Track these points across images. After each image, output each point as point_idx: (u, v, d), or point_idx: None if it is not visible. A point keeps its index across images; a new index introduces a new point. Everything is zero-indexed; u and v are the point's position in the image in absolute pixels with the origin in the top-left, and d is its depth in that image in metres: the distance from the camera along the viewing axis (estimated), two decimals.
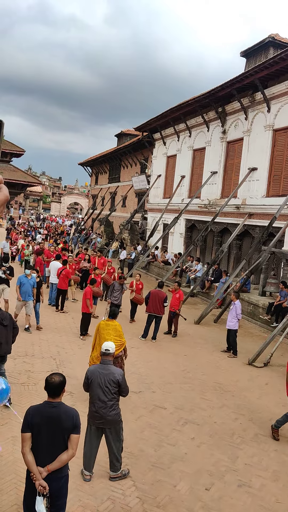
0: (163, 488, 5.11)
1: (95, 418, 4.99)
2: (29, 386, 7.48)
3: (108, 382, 4.94)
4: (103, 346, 5.13)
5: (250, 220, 16.57)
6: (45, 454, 3.57)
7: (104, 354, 5.10)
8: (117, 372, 5.04)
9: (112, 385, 4.94)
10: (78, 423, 3.71)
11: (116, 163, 35.89)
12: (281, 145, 15.60)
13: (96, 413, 4.96)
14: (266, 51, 19.03)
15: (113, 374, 4.99)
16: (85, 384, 5.17)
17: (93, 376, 5.00)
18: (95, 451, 5.08)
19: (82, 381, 5.28)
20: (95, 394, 4.99)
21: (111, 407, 4.96)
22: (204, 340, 11.70)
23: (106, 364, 5.06)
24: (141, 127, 26.43)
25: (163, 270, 21.04)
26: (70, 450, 3.64)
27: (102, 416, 4.94)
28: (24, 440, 3.58)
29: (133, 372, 8.65)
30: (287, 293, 12.58)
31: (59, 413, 3.64)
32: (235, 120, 18.24)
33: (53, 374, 3.77)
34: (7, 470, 4.93)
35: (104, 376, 4.96)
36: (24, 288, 10.41)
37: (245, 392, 8.39)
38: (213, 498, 5.06)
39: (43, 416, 3.60)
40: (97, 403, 4.95)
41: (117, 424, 5.05)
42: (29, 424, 3.59)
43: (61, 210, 69.45)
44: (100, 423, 4.98)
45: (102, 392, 4.94)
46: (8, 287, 11.34)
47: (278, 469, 5.84)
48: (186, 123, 21.93)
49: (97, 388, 4.95)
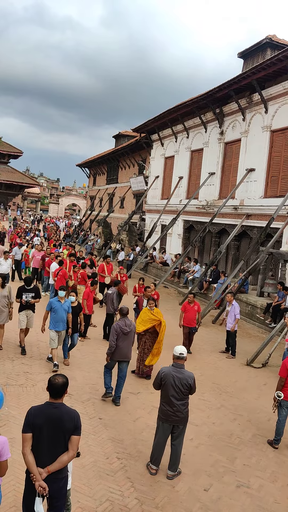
0: (161, 489, 5.11)
1: (169, 416, 5.28)
2: (28, 387, 7.47)
3: (181, 385, 5.23)
4: (177, 350, 5.36)
5: (248, 221, 16.60)
6: (46, 455, 3.56)
7: (178, 358, 5.34)
8: (190, 377, 5.30)
9: (185, 388, 5.24)
10: (79, 424, 3.71)
11: (114, 164, 35.91)
12: (278, 146, 15.65)
13: (170, 411, 5.26)
14: (263, 52, 19.08)
15: (186, 379, 5.25)
16: (156, 384, 5.42)
17: (167, 378, 5.26)
18: (164, 447, 5.39)
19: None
20: (169, 394, 5.24)
21: (184, 405, 5.28)
22: (202, 341, 11.70)
23: (179, 368, 5.32)
24: (139, 128, 26.47)
25: (161, 271, 21.05)
26: (71, 451, 3.63)
27: (175, 413, 5.24)
28: (25, 440, 3.57)
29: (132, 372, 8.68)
30: (284, 294, 12.60)
31: (61, 414, 3.63)
32: (232, 121, 18.28)
33: (56, 375, 3.76)
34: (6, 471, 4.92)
35: (178, 379, 5.23)
36: (57, 315, 8.34)
37: (243, 393, 8.40)
38: (211, 498, 5.07)
39: (45, 416, 3.59)
40: (171, 403, 5.23)
41: (187, 421, 5.41)
42: (31, 424, 3.57)
43: (59, 211, 69.38)
44: (174, 421, 5.27)
45: (176, 393, 5.22)
46: (33, 313, 9.25)
47: (277, 470, 5.85)
48: (184, 124, 21.97)
49: (171, 389, 5.22)
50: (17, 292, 9.14)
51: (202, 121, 20.27)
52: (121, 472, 5.35)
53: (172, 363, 5.41)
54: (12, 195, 54.58)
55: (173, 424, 5.30)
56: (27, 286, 9.22)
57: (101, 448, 5.83)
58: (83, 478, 5.12)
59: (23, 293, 9.13)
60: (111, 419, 6.69)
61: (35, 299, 9.21)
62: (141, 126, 25.99)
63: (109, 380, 7.40)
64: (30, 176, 61.90)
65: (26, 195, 63.00)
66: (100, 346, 10.19)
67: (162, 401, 5.36)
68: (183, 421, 5.34)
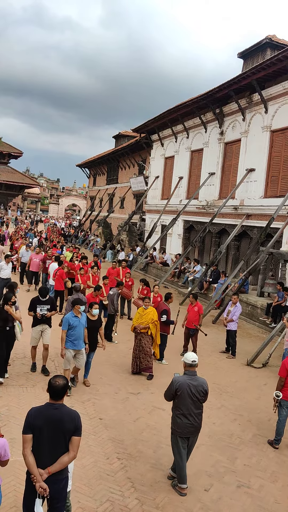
0: (162, 490, 5.11)
1: (187, 428, 5.07)
2: (28, 388, 7.46)
3: (198, 392, 5.05)
4: (190, 358, 5.16)
5: (248, 221, 16.60)
6: (46, 456, 3.56)
7: (191, 365, 5.16)
8: (204, 383, 5.15)
9: (201, 395, 5.09)
10: (80, 425, 3.70)
11: (114, 164, 35.92)
12: (278, 146, 15.65)
13: (188, 423, 5.06)
14: (263, 52, 19.08)
15: (202, 385, 5.09)
16: (169, 395, 5.19)
17: (182, 388, 5.03)
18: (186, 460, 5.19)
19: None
20: (186, 405, 5.04)
21: (200, 415, 5.14)
22: (202, 341, 11.69)
23: (193, 375, 5.15)
24: (139, 128, 26.47)
25: (161, 271, 21.04)
26: (71, 452, 3.63)
27: (193, 425, 5.09)
28: (26, 441, 3.56)
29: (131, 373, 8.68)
30: (284, 294, 12.60)
31: (61, 415, 3.62)
32: (232, 121, 18.28)
33: (57, 377, 3.74)
34: (6, 472, 4.92)
35: (194, 387, 5.05)
36: (75, 332, 7.36)
37: (243, 393, 8.39)
38: (212, 499, 5.06)
39: (45, 417, 3.58)
40: (189, 415, 5.04)
41: (199, 430, 5.23)
42: (31, 425, 3.57)
43: (59, 211, 69.38)
44: (190, 432, 5.10)
45: (193, 402, 5.05)
46: (49, 327, 8.29)
47: (277, 470, 5.84)
48: (183, 124, 21.97)
49: (188, 399, 5.04)
50: (30, 304, 8.18)
51: (202, 121, 20.27)
52: (122, 472, 5.35)
53: (184, 371, 5.21)
54: (12, 196, 54.55)
55: (189, 436, 5.12)
56: (42, 298, 8.18)
57: (101, 448, 5.82)
58: (84, 478, 5.12)
59: (38, 305, 8.08)
60: (111, 420, 6.68)
61: (51, 312, 8.23)
62: (141, 126, 26.00)
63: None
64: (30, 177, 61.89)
65: (26, 196, 63.02)
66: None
67: (177, 414, 5.08)
68: (196, 432, 5.19)
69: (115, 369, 8.87)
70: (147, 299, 9.09)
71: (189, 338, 10.39)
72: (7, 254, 15.19)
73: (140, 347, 8.64)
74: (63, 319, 7.57)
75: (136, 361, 8.67)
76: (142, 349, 8.62)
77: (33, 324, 8.20)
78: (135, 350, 8.70)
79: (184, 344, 10.44)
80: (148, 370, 8.67)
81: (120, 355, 9.75)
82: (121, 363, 9.21)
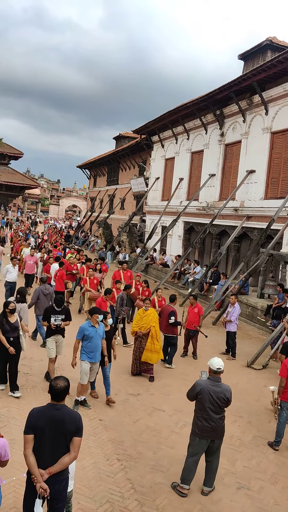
0: (162, 491, 5.10)
1: (206, 431, 5.06)
2: (27, 389, 7.46)
3: (219, 399, 5.03)
4: (215, 364, 5.11)
5: (248, 223, 16.60)
6: (47, 456, 3.56)
7: (215, 372, 5.12)
8: (227, 390, 5.13)
9: (222, 402, 5.06)
10: (81, 426, 3.72)
11: (115, 165, 35.93)
12: (279, 147, 15.66)
13: (208, 427, 5.05)
14: (264, 54, 19.09)
15: (224, 392, 5.07)
16: (191, 396, 5.20)
17: (203, 392, 5.04)
18: (197, 464, 5.17)
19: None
20: (206, 409, 5.04)
21: (221, 419, 5.11)
22: (202, 342, 11.68)
23: (216, 381, 5.12)
24: (140, 129, 26.48)
25: (161, 272, 21.04)
26: (72, 453, 3.64)
27: (214, 428, 5.06)
28: (27, 442, 3.57)
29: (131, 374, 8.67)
30: (284, 296, 12.59)
31: (63, 416, 3.64)
32: (233, 123, 18.29)
33: (58, 379, 3.75)
34: (5, 473, 4.91)
35: (216, 393, 5.03)
36: (91, 343, 6.83)
37: (243, 395, 8.39)
38: (212, 500, 5.06)
39: (47, 418, 3.59)
40: (209, 418, 5.04)
41: (223, 434, 5.21)
42: (33, 426, 3.58)
43: (60, 212, 69.42)
44: (211, 435, 5.08)
45: (213, 408, 5.03)
46: (63, 338, 7.91)
47: (277, 472, 5.84)
48: (184, 125, 21.98)
49: (207, 403, 5.03)
50: (43, 313, 7.85)
51: (202, 123, 20.29)
52: (121, 473, 5.34)
53: (208, 376, 5.17)
54: (12, 197, 54.59)
55: (210, 439, 5.09)
56: (58, 307, 7.73)
57: (101, 449, 5.82)
58: (83, 479, 5.11)
59: (52, 315, 7.66)
60: (111, 421, 6.68)
61: (65, 322, 7.79)
62: (141, 127, 26.01)
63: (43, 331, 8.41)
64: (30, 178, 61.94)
65: (27, 197, 63.00)
66: None
67: (198, 416, 5.10)
68: (220, 436, 5.15)
69: (115, 370, 8.85)
70: (147, 300, 9.07)
71: (189, 339, 10.40)
72: (13, 257, 14.93)
73: (140, 349, 8.63)
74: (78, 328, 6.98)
75: (136, 362, 8.66)
76: (142, 351, 8.61)
77: (47, 335, 7.82)
78: (135, 352, 8.70)
79: (184, 345, 10.43)
80: (148, 371, 8.66)
81: (121, 357, 9.74)
82: (121, 364, 9.20)
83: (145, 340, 8.61)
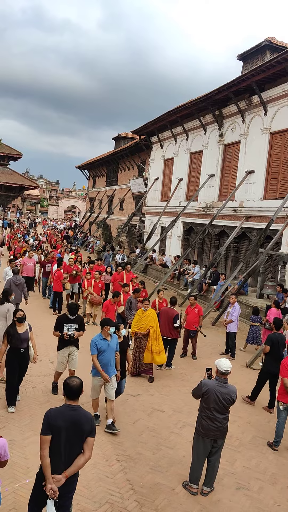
0: (161, 492, 5.10)
1: (210, 431, 5.08)
2: (27, 390, 7.46)
3: (225, 400, 5.04)
4: (223, 366, 5.08)
5: (247, 223, 16.61)
6: (62, 456, 3.61)
7: (223, 373, 5.11)
8: (233, 391, 5.12)
9: (228, 403, 5.07)
10: (95, 426, 3.80)
11: (114, 166, 35.94)
12: (278, 148, 15.67)
13: (212, 426, 5.07)
14: (263, 54, 19.12)
15: (230, 394, 5.07)
16: (197, 395, 5.22)
17: (210, 392, 5.05)
18: (204, 463, 5.21)
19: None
20: (211, 409, 5.05)
21: (225, 419, 5.13)
22: (202, 342, 11.68)
23: (223, 382, 5.11)
24: (139, 130, 26.49)
25: (161, 273, 21.04)
26: (87, 453, 3.69)
27: (218, 428, 5.08)
28: (44, 442, 3.60)
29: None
30: (284, 296, 12.59)
31: (79, 416, 3.69)
32: (232, 123, 18.31)
33: (72, 378, 3.83)
34: (5, 474, 4.91)
35: (222, 394, 5.04)
36: (104, 357, 6.30)
37: (242, 395, 8.38)
38: (211, 501, 5.06)
39: (65, 419, 3.64)
40: (214, 418, 5.06)
41: (225, 435, 5.23)
42: (51, 426, 3.61)
43: (59, 213, 69.39)
44: (215, 435, 5.11)
45: (218, 408, 5.05)
46: (77, 349, 7.29)
47: (276, 472, 5.84)
48: (183, 126, 21.99)
49: (213, 403, 5.04)
50: (56, 323, 7.18)
51: (201, 123, 20.30)
52: (121, 474, 5.34)
53: (216, 376, 5.17)
54: (11, 197, 54.52)
55: (213, 438, 5.12)
56: (71, 315, 7.11)
57: (100, 450, 5.81)
58: (83, 480, 5.10)
59: (65, 323, 7.04)
60: None
61: (79, 332, 7.15)
62: (140, 128, 26.02)
63: None
64: (29, 178, 61.87)
65: (26, 197, 62.99)
66: None
67: (202, 415, 5.12)
68: (223, 436, 5.19)
69: None
70: (146, 301, 9.04)
71: (189, 339, 10.40)
72: (11, 259, 14.75)
73: (140, 350, 8.62)
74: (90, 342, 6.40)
75: (136, 363, 8.66)
76: (142, 352, 8.61)
77: (59, 346, 7.16)
78: (135, 353, 8.69)
79: (183, 346, 10.43)
80: (148, 372, 8.66)
81: None
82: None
83: (144, 341, 8.61)
